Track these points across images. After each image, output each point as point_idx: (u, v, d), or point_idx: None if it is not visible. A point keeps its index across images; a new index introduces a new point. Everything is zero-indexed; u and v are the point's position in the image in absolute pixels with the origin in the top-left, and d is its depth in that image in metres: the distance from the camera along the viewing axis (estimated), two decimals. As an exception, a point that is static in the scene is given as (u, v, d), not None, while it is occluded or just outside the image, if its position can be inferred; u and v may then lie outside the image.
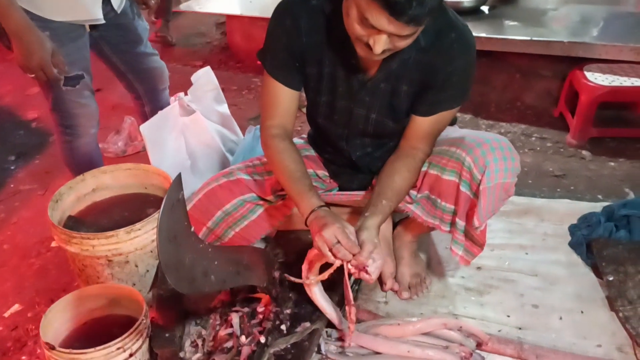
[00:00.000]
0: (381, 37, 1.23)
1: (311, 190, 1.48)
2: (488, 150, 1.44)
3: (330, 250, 1.35)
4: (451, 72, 1.42)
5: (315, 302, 1.55)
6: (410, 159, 1.52)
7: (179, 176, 1.18)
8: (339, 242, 1.34)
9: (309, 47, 1.48)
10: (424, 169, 1.57)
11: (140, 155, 2.85)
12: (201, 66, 3.89)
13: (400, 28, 1.19)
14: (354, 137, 1.64)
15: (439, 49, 1.41)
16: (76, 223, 1.83)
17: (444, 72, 1.42)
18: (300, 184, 1.48)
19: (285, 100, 1.55)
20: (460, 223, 1.53)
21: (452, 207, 1.53)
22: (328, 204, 1.48)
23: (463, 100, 1.50)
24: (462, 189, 1.48)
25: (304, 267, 1.49)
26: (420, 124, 1.50)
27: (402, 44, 1.26)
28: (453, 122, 1.82)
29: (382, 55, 1.31)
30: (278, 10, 1.48)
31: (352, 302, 1.44)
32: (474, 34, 2.20)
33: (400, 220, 1.84)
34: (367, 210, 1.44)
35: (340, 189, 1.86)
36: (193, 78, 2.30)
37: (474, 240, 1.56)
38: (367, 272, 1.33)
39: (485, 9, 3.25)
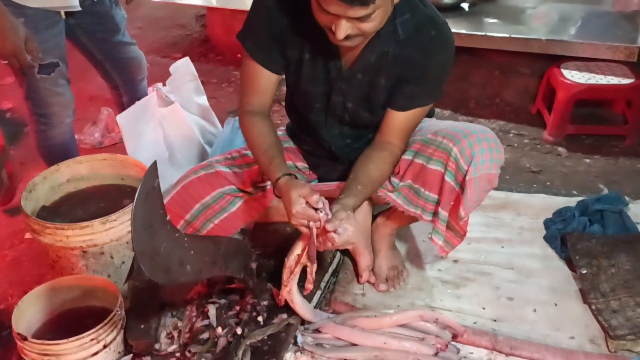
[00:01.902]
0: (340, 22, 1.26)
1: (277, 158, 1.50)
2: (475, 141, 1.45)
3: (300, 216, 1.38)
4: (428, 67, 1.44)
5: (294, 306, 1.55)
6: (386, 153, 1.53)
7: (154, 164, 1.17)
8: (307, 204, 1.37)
9: (290, 29, 1.49)
10: (409, 157, 1.58)
11: (117, 147, 2.80)
12: (180, 58, 3.86)
13: (350, 10, 1.22)
14: (333, 126, 1.65)
15: (418, 44, 1.42)
16: (50, 214, 1.80)
17: (421, 67, 1.44)
18: (268, 154, 1.51)
19: (263, 81, 1.56)
20: (443, 213, 1.53)
21: (436, 196, 1.54)
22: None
23: (437, 98, 1.53)
24: (447, 179, 1.49)
25: (285, 273, 1.50)
26: (395, 118, 1.52)
27: (366, 27, 1.28)
28: (431, 114, 1.83)
29: (352, 42, 1.33)
30: None
31: (315, 261, 1.47)
32: (454, 30, 2.22)
33: (379, 212, 1.84)
34: (342, 194, 1.46)
35: (320, 181, 1.86)
36: (172, 69, 2.29)
37: (455, 231, 1.57)
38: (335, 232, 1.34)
39: (465, 6, 3.26)
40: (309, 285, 1.50)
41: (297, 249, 1.48)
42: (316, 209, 1.36)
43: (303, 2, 1.41)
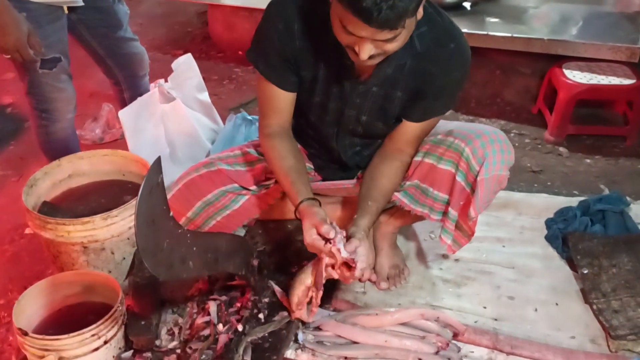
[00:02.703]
0: (364, 44, 1.22)
1: (298, 183, 1.49)
2: (488, 142, 1.46)
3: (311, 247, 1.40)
4: (447, 83, 1.44)
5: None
6: (397, 162, 1.54)
7: (158, 159, 1.16)
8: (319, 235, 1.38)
9: (303, 51, 1.45)
10: (418, 158, 1.58)
11: (118, 143, 2.80)
12: (182, 55, 3.86)
13: (377, 33, 1.18)
14: (344, 137, 1.64)
15: (436, 58, 1.40)
16: (51, 209, 1.80)
17: (440, 82, 1.42)
18: (289, 178, 1.51)
19: (280, 101, 1.54)
20: (453, 213, 1.54)
21: (446, 196, 1.54)
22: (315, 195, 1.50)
23: (450, 109, 1.55)
24: (458, 179, 1.50)
25: (293, 303, 1.53)
26: (410, 129, 1.52)
27: (390, 47, 1.25)
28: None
29: (374, 60, 1.30)
30: (270, 10, 1.45)
31: (322, 289, 1.46)
32: None
33: (382, 211, 1.83)
34: (356, 213, 1.48)
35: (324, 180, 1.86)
36: (174, 65, 2.28)
37: (463, 231, 1.57)
38: (351, 267, 1.36)
39: (467, 5, 3.26)
40: (315, 309, 1.52)
41: (307, 279, 1.50)
42: (328, 240, 1.36)
43: (314, 21, 1.39)
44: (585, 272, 1.72)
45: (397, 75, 1.44)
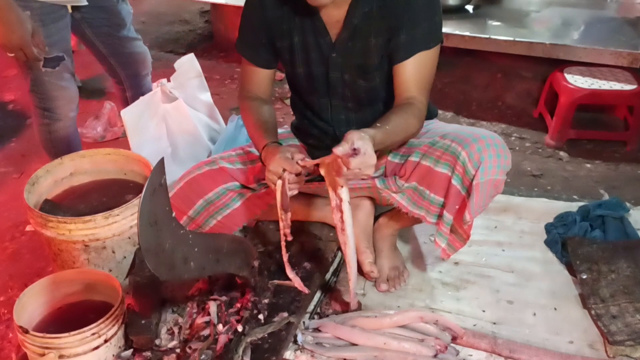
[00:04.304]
0: None
1: (267, 131, 1.55)
2: (484, 147, 1.46)
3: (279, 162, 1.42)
4: (414, 7, 1.45)
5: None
6: (408, 106, 1.48)
7: (161, 161, 1.17)
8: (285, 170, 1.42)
9: (275, 21, 1.55)
10: (415, 159, 1.58)
11: (119, 142, 2.81)
12: (184, 54, 3.85)
13: None
14: (339, 112, 1.66)
15: None
16: (53, 207, 1.80)
17: (407, 10, 1.45)
18: (260, 129, 1.57)
19: (255, 77, 1.66)
20: (448, 216, 1.54)
21: (441, 199, 1.55)
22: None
23: (437, 40, 1.50)
24: (454, 182, 1.50)
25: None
26: (404, 71, 1.49)
27: None
28: (434, 114, 1.84)
29: None
30: None
31: (288, 209, 1.49)
32: (458, 32, 2.20)
33: (382, 213, 1.84)
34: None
35: None
36: (176, 65, 2.29)
37: (458, 235, 1.58)
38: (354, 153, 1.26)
39: (469, 8, 3.27)
40: (286, 231, 1.53)
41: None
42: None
43: None
44: (584, 277, 1.73)
45: (366, 23, 1.48)
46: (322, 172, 1.41)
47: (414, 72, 1.49)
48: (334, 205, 1.44)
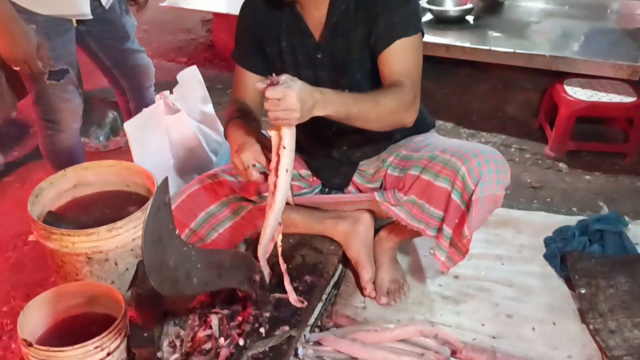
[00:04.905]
0: None
1: (240, 112, 1.59)
2: (483, 162, 1.48)
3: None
4: None
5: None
6: (394, 87, 1.47)
7: (165, 179, 1.19)
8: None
9: (266, 26, 1.61)
10: (415, 173, 1.59)
11: (121, 151, 2.82)
12: (186, 62, 3.89)
13: None
14: None
15: None
16: (56, 219, 1.81)
17: (381, 0, 1.49)
18: (235, 112, 1.60)
19: (247, 83, 1.67)
20: (447, 230, 1.55)
21: (441, 213, 1.56)
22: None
23: (415, 28, 1.51)
24: (454, 197, 1.51)
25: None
26: (387, 60, 1.50)
27: None
28: (432, 125, 1.86)
29: None
30: (243, 3, 1.67)
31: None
32: (459, 43, 2.18)
33: (382, 225, 1.86)
34: None
35: (324, 186, 1.89)
36: (179, 77, 2.30)
37: (458, 248, 1.59)
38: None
39: (470, 18, 3.29)
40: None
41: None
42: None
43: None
44: (583, 291, 1.74)
45: (345, 19, 1.54)
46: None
47: (397, 59, 1.50)
48: (272, 166, 1.38)
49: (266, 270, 1.62)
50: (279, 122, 1.28)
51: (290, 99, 1.22)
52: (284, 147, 1.33)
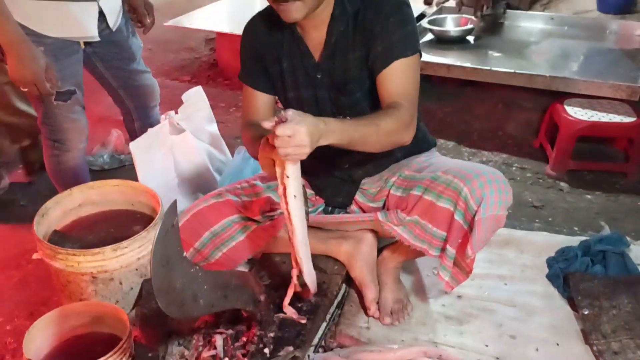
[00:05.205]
0: None
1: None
2: (486, 182, 1.49)
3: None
4: (385, 16, 1.52)
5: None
6: (388, 108, 1.49)
7: (174, 203, 1.20)
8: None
9: (267, 47, 1.66)
10: (418, 193, 1.61)
11: (125, 169, 2.84)
12: (189, 81, 3.93)
13: None
14: None
15: (367, 5, 1.54)
16: (61, 238, 1.83)
17: (378, 19, 1.52)
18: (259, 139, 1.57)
19: (256, 101, 1.72)
20: (451, 250, 1.56)
21: (444, 233, 1.57)
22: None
23: (413, 49, 1.53)
24: (457, 217, 1.52)
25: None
26: (385, 80, 1.52)
27: None
28: (433, 144, 1.88)
29: (296, 10, 1.45)
30: (247, 23, 1.72)
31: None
32: (460, 63, 2.15)
33: (385, 245, 1.87)
34: None
35: (327, 205, 1.90)
36: (184, 97, 2.33)
37: (461, 268, 1.60)
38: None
39: (470, 39, 3.33)
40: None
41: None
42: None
43: (277, 20, 1.54)
44: (586, 312, 1.75)
45: (343, 40, 1.57)
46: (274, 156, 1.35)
47: (395, 80, 1.52)
48: (280, 192, 1.39)
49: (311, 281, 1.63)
50: (289, 158, 1.29)
51: (301, 135, 1.23)
52: (288, 177, 1.35)
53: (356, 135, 1.39)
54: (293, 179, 1.35)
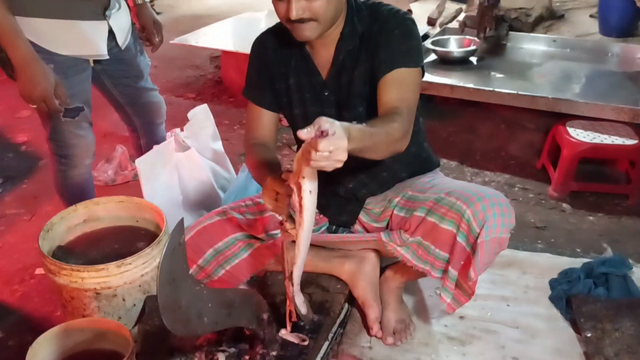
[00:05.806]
0: (291, 3, 1.41)
1: (270, 168, 1.58)
2: (488, 206, 1.50)
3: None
4: (390, 28, 1.54)
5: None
6: (391, 114, 1.46)
7: (181, 221, 1.21)
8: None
9: (275, 63, 1.67)
10: (421, 214, 1.61)
11: (129, 185, 2.86)
12: (194, 98, 3.96)
13: None
14: None
15: (374, 21, 1.57)
16: (65, 254, 1.83)
17: (383, 31, 1.55)
18: (263, 166, 1.60)
19: (261, 119, 1.73)
20: (453, 272, 1.57)
21: (446, 255, 1.58)
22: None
23: (416, 62, 1.53)
24: (459, 239, 1.53)
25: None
26: (385, 86, 1.51)
27: (316, 5, 1.43)
28: (437, 164, 1.89)
29: (310, 26, 1.46)
30: (255, 40, 1.73)
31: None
32: (463, 84, 2.13)
33: (388, 265, 1.87)
34: None
35: (331, 223, 1.91)
36: (190, 114, 2.35)
37: (463, 290, 1.60)
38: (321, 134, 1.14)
39: (473, 59, 3.36)
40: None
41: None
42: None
43: (285, 37, 1.58)
44: (589, 335, 1.74)
45: (351, 58, 1.59)
46: (295, 166, 1.29)
47: (395, 86, 1.51)
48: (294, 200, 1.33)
49: (300, 299, 1.59)
50: (320, 168, 1.21)
51: (341, 151, 1.14)
52: (304, 177, 1.28)
53: (369, 142, 1.34)
54: (309, 182, 1.29)
